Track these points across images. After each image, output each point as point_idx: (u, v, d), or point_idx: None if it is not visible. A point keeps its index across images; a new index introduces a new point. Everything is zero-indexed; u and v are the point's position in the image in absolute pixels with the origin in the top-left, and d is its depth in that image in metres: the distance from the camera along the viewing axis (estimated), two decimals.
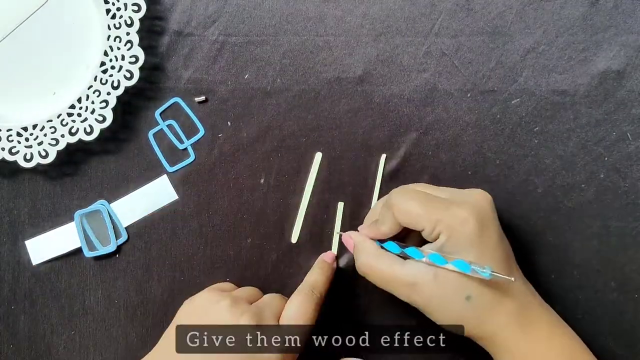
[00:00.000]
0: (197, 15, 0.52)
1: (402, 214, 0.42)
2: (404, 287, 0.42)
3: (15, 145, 0.49)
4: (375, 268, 0.43)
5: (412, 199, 0.43)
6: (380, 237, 0.45)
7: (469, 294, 0.41)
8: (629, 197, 0.50)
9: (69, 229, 0.50)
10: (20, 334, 0.50)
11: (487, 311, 0.41)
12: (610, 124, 0.51)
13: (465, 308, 0.41)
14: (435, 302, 0.42)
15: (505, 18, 0.51)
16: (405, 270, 0.42)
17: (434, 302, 0.42)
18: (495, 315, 0.41)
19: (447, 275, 0.41)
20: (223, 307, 0.42)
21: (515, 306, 0.41)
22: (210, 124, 0.51)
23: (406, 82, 0.51)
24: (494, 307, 0.41)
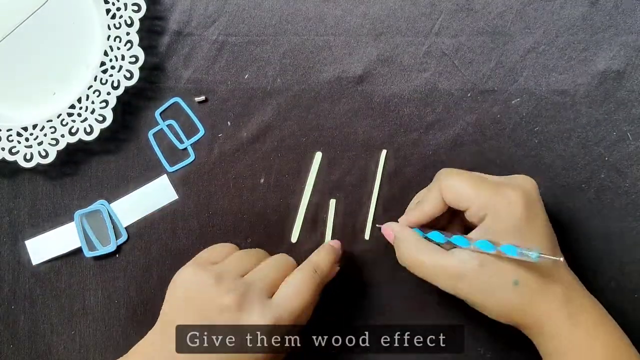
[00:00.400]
0: (197, 15, 0.52)
1: (450, 191, 0.42)
2: (449, 278, 0.41)
3: (15, 145, 0.49)
4: (418, 259, 0.43)
5: (461, 177, 0.42)
6: (423, 218, 0.44)
7: (517, 279, 0.40)
8: (629, 197, 0.50)
9: (69, 229, 0.50)
10: (20, 334, 0.50)
11: (534, 296, 0.40)
12: (611, 124, 0.51)
13: (512, 294, 0.40)
14: (482, 291, 0.41)
15: (505, 18, 0.51)
16: (449, 261, 0.41)
17: (480, 291, 0.41)
18: (543, 301, 0.41)
19: (493, 262, 0.40)
20: (206, 285, 0.41)
21: (562, 292, 0.41)
22: (210, 123, 0.51)
23: (406, 82, 0.51)
24: (542, 292, 0.41)
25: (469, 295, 0.41)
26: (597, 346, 0.41)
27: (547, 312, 0.41)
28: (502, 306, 0.41)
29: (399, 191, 0.51)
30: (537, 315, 0.41)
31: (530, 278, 0.40)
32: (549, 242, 0.41)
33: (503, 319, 0.42)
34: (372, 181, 0.51)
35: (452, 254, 0.41)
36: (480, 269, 0.40)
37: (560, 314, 0.41)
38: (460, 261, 0.41)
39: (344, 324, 0.50)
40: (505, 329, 0.49)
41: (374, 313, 0.50)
